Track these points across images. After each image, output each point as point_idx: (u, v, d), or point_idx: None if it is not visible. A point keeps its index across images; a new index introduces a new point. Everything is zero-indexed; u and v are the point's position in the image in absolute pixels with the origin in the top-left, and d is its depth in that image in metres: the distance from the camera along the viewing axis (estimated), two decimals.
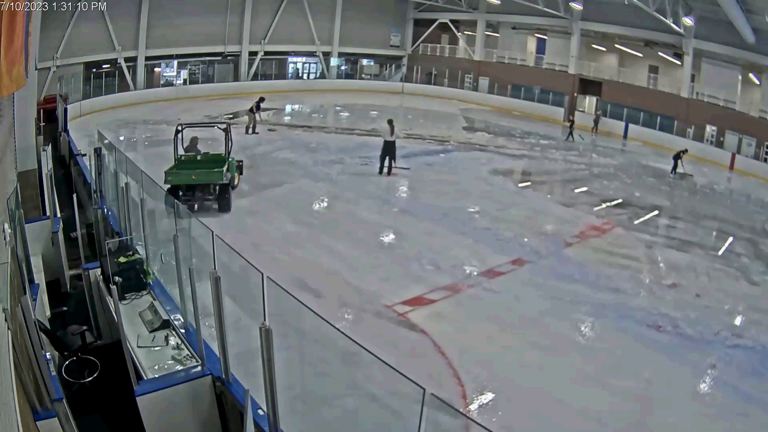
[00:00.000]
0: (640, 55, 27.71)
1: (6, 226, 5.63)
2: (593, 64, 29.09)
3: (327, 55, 34.77)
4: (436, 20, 35.56)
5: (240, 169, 13.96)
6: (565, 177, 17.66)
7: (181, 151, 12.64)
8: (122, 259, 6.82)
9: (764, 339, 8.23)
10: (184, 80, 29.79)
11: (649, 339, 8.03)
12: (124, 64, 26.67)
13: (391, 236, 11.43)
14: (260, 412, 4.42)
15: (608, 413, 6.40)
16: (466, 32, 35.17)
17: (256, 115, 20.34)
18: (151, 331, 5.89)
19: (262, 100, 20.92)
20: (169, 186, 11.17)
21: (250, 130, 20.07)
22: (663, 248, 11.90)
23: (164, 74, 29.30)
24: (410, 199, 14.26)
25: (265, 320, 4.11)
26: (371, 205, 13.15)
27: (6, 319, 4.00)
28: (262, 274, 4.23)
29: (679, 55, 25.40)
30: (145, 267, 6.92)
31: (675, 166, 19.28)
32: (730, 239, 12.92)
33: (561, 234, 12.16)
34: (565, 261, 10.71)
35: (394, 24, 36.42)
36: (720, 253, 11.98)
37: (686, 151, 19.93)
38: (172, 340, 5.75)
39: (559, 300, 9.04)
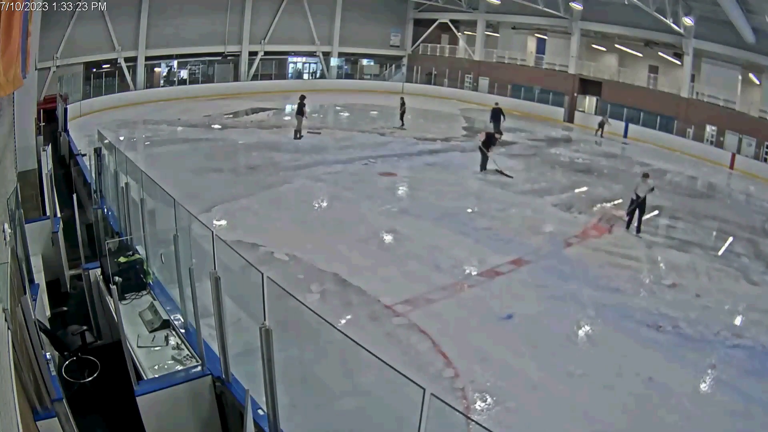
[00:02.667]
0: (640, 55, 27.71)
1: (6, 226, 5.63)
2: (593, 64, 29.08)
3: (327, 55, 34.77)
4: (436, 20, 35.56)
5: None
6: (565, 177, 17.66)
7: None
8: (122, 259, 6.83)
9: (764, 339, 8.23)
10: (184, 80, 29.80)
11: (649, 339, 8.03)
12: (124, 64, 26.67)
13: (391, 236, 11.43)
14: (260, 412, 4.42)
15: (608, 413, 6.40)
16: (466, 32, 35.17)
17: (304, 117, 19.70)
18: (151, 331, 5.90)
19: (303, 98, 19.93)
20: None
21: (299, 134, 19.67)
22: (663, 248, 11.89)
23: (164, 74, 29.31)
24: (410, 199, 14.26)
25: (265, 320, 4.11)
26: (371, 205, 13.15)
27: (6, 319, 4.00)
28: (262, 274, 4.24)
29: (679, 55, 25.39)
30: (145, 267, 6.93)
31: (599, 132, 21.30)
32: (730, 239, 12.92)
33: (561, 234, 12.16)
34: (565, 261, 10.70)
35: (394, 24, 36.42)
36: (720, 253, 11.97)
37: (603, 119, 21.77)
38: (172, 340, 5.75)
39: (559, 300, 9.04)
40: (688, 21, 22.97)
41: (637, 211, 12.41)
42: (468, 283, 9.48)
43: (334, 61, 35.18)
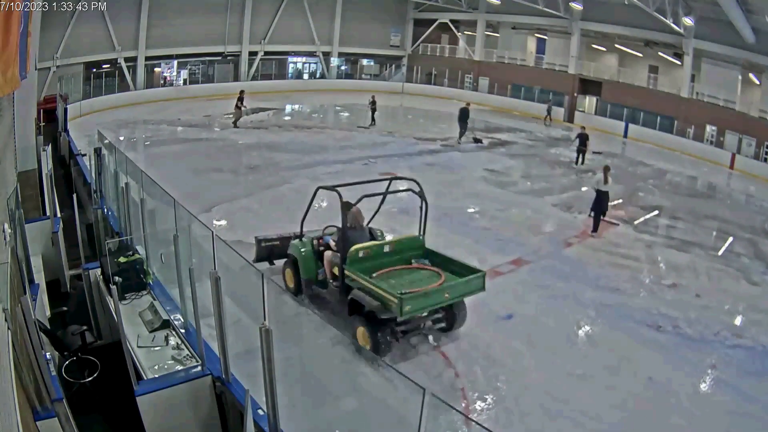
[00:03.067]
0: (640, 55, 27.72)
1: (6, 226, 5.63)
2: (593, 64, 29.10)
3: (327, 55, 34.78)
4: (436, 20, 35.57)
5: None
6: (565, 177, 17.67)
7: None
8: (122, 259, 6.83)
9: (764, 339, 8.22)
10: (184, 80, 29.79)
11: (649, 339, 8.03)
12: (124, 64, 26.68)
13: (391, 236, 11.40)
14: (260, 412, 4.42)
15: (608, 413, 6.40)
16: (466, 32, 35.18)
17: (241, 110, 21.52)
18: (151, 331, 5.90)
19: (242, 92, 21.99)
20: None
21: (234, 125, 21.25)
22: (663, 248, 11.89)
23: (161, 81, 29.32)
24: (410, 200, 14.21)
25: (265, 320, 4.11)
26: (371, 206, 13.11)
27: (6, 319, 4.00)
28: (262, 274, 4.23)
29: (679, 55, 25.40)
30: (145, 267, 6.93)
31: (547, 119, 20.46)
32: (730, 239, 12.91)
33: (561, 234, 12.15)
34: (565, 261, 10.70)
35: (394, 24, 36.43)
36: (720, 253, 11.97)
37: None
38: (172, 340, 5.76)
39: (559, 300, 9.03)
40: (688, 21, 22.97)
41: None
42: None
43: (334, 61, 35.18)
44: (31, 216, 8.85)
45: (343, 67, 36.10)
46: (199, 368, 5.23)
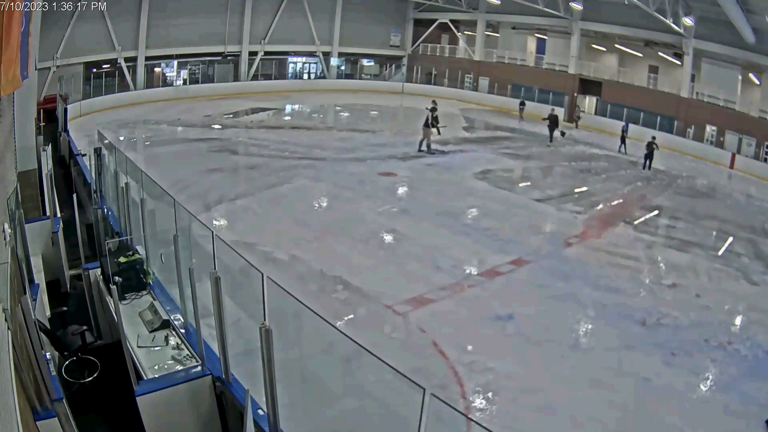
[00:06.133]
0: (640, 55, 27.70)
1: (6, 226, 5.62)
2: (593, 64, 29.07)
3: (327, 55, 34.76)
4: (436, 20, 35.55)
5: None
6: (565, 177, 17.66)
7: None
8: (122, 259, 6.82)
9: (764, 339, 8.23)
10: (184, 80, 29.78)
11: (648, 339, 8.03)
12: (124, 64, 26.67)
13: (391, 236, 11.43)
14: (260, 412, 4.42)
15: (608, 413, 6.40)
16: (466, 32, 35.16)
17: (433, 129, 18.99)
18: (151, 331, 5.89)
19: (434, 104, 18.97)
20: None
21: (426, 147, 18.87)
22: (663, 248, 11.90)
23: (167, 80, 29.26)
24: (410, 199, 14.26)
25: (265, 320, 4.11)
26: (371, 205, 13.15)
27: (6, 319, 4.00)
28: (262, 274, 4.23)
29: (679, 55, 25.39)
30: (145, 267, 6.92)
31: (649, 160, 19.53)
32: (730, 239, 12.92)
33: (561, 234, 12.16)
34: (565, 261, 10.71)
35: (394, 24, 36.42)
36: (720, 253, 11.97)
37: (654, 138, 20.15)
38: (172, 340, 5.75)
39: (559, 300, 9.04)
40: (688, 21, 22.96)
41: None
42: (468, 283, 9.48)
43: (334, 61, 35.16)
44: (31, 216, 8.84)
45: (342, 67, 36.09)
46: (199, 368, 5.23)
